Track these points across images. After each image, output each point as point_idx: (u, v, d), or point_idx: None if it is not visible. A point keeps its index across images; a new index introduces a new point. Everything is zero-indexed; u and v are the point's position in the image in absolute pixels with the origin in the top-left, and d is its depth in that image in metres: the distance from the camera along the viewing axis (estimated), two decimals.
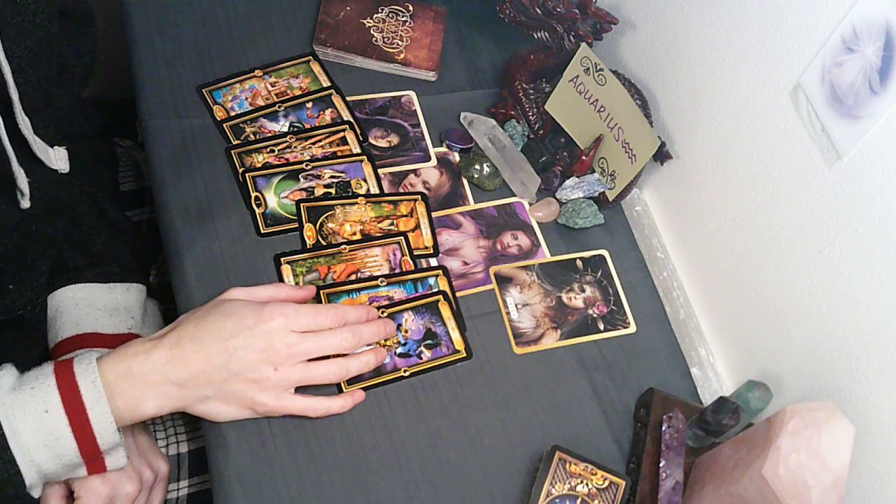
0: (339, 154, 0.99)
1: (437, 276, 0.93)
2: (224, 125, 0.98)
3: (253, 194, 0.94)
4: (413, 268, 0.94)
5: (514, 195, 1.03)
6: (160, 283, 1.03)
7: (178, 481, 0.90)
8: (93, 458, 0.72)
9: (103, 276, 0.89)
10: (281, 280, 0.89)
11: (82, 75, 0.91)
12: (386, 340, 0.88)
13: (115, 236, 0.93)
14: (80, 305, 0.87)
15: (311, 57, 1.05)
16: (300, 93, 1.02)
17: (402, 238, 0.95)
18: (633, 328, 0.97)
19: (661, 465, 0.85)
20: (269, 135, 0.99)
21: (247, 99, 1.01)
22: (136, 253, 0.95)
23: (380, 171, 0.99)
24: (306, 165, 0.97)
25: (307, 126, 1.00)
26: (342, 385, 0.85)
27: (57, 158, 0.79)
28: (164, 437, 0.91)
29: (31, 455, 0.68)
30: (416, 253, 0.95)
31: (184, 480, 0.91)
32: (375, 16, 1.11)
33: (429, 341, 0.90)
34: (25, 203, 0.75)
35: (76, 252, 0.88)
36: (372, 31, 1.09)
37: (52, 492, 0.78)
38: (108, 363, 0.72)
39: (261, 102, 1.01)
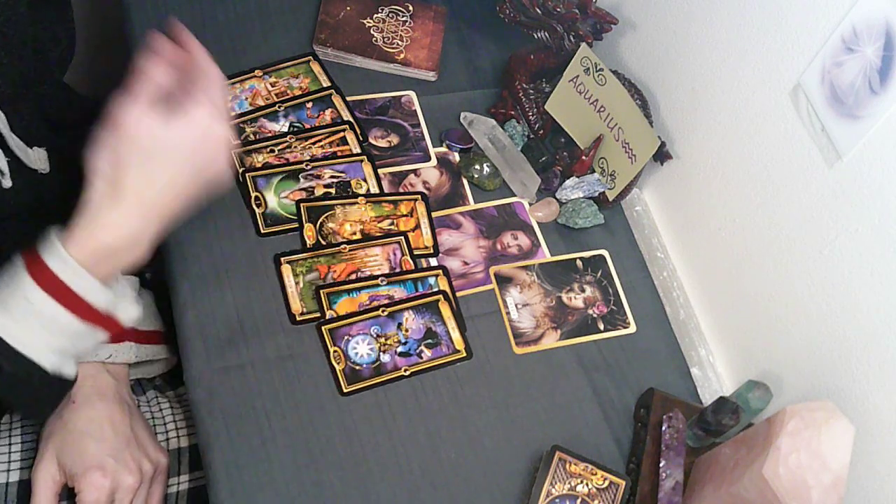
0: (339, 154, 0.99)
1: (437, 275, 0.93)
2: None
3: (253, 194, 0.94)
4: (413, 267, 0.94)
5: (514, 195, 1.03)
6: (158, 281, 1.03)
7: (179, 475, 0.90)
8: (101, 320, 0.70)
9: None
10: (281, 279, 0.89)
11: (61, 59, 0.90)
12: (387, 339, 0.88)
13: None
14: None
15: (311, 57, 1.05)
16: (300, 93, 1.02)
17: (402, 238, 0.95)
18: (633, 328, 0.97)
19: (661, 465, 0.85)
20: (269, 135, 0.99)
21: (247, 99, 1.01)
22: None
23: (380, 171, 0.99)
24: (306, 165, 0.97)
25: (307, 126, 1.00)
26: (342, 384, 0.85)
27: (36, 158, 0.78)
28: (164, 431, 0.91)
29: (34, 341, 0.66)
30: (416, 253, 0.95)
31: (184, 475, 0.90)
32: (375, 16, 1.11)
33: (429, 341, 0.90)
34: (7, 182, 0.74)
35: None
36: (372, 31, 1.09)
37: (45, 488, 0.78)
38: (75, 248, 0.68)
39: (261, 102, 1.01)
